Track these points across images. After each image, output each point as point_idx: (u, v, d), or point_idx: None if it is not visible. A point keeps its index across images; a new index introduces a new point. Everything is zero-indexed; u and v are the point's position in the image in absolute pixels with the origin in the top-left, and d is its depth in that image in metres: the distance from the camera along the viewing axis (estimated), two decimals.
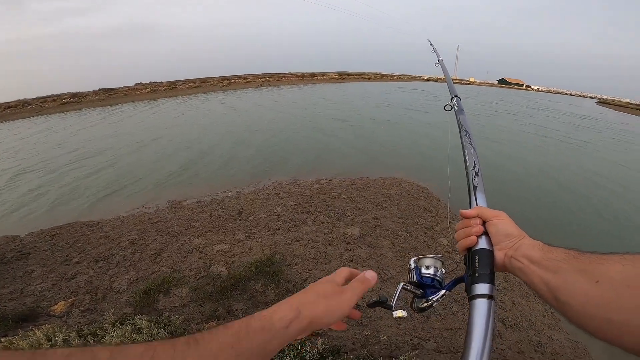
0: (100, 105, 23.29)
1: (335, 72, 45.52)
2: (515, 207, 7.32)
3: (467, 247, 0.69)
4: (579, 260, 0.52)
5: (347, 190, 7.11)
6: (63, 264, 4.66)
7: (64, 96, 25.10)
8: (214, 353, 0.41)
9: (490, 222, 0.68)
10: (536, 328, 3.77)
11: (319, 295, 0.57)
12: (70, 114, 20.40)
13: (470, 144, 1.01)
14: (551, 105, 34.86)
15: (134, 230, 5.57)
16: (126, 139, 12.78)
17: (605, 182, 9.75)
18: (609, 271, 0.46)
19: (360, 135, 13.19)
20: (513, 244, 0.63)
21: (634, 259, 0.46)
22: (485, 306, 0.56)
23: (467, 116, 1.18)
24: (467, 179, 0.89)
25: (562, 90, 69.64)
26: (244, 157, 10.09)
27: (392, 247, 4.94)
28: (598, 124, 23.87)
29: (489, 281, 0.60)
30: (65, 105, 23.67)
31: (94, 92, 26.70)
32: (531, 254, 0.58)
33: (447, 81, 1.57)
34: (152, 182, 8.25)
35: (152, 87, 29.45)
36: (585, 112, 31.26)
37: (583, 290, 0.48)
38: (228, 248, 4.81)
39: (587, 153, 13.56)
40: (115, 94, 27.03)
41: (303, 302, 0.55)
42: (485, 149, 12.12)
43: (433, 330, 3.44)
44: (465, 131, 1.08)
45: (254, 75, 37.72)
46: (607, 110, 38.60)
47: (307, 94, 28.32)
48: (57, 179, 8.73)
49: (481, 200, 0.81)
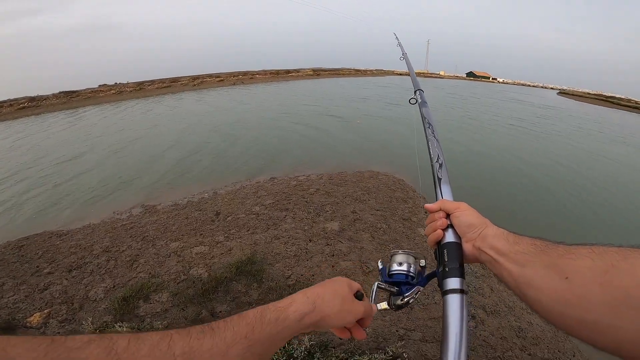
0: (61, 109, 22.01)
1: (310, 68, 45.36)
2: (486, 195, 7.67)
3: (436, 242, 0.69)
4: (546, 253, 0.50)
5: (325, 185, 7.17)
6: (34, 275, 4.43)
7: (22, 100, 23.49)
8: (228, 342, 0.43)
9: (452, 214, 0.68)
10: (515, 313, 3.88)
11: (336, 295, 0.58)
12: (29, 119, 19.16)
13: (433, 136, 1.02)
14: (516, 97, 36.46)
15: (107, 237, 5.36)
16: (93, 144, 12.18)
17: (569, 166, 10.43)
18: (578, 266, 0.45)
19: (336, 130, 13.28)
20: (477, 234, 0.62)
21: (602, 252, 0.44)
22: (457, 301, 0.56)
23: (430, 108, 1.19)
24: (432, 171, 0.89)
25: (525, 82, 72.88)
26: (220, 157, 9.91)
27: (372, 239, 5.04)
28: (561, 114, 25.21)
29: (459, 275, 0.60)
30: (24, 110, 22.18)
31: (54, 95, 25.13)
32: (497, 244, 0.58)
33: (410, 74, 1.59)
34: (123, 188, 7.93)
35: (118, 89, 28.14)
36: (549, 103, 32.90)
37: (552, 286, 0.47)
38: (207, 250, 4.74)
39: (554, 141, 14.36)
40: (77, 96, 25.60)
41: (319, 296, 0.56)
42: (457, 139, 12.57)
43: (417, 320, 3.52)
44: (429, 123, 1.08)
45: (227, 74, 36.86)
46: (568, 100, 40.87)
47: (281, 90, 28.09)
48: (22, 189, 8.21)
49: (446, 191, 0.81)
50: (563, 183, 8.93)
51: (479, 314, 3.74)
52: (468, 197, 0.74)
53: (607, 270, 0.42)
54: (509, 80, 74.12)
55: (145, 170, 9.03)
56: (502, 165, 10.11)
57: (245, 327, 0.46)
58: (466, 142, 12.47)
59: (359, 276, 4.16)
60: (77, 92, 26.26)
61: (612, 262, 0.42)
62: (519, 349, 3.36)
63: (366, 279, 4.13)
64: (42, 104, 23.38)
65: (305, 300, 0.55)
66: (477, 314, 3.73)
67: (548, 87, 67.64)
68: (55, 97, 24.89)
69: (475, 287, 4.19)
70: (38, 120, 18.74)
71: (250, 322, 0.47)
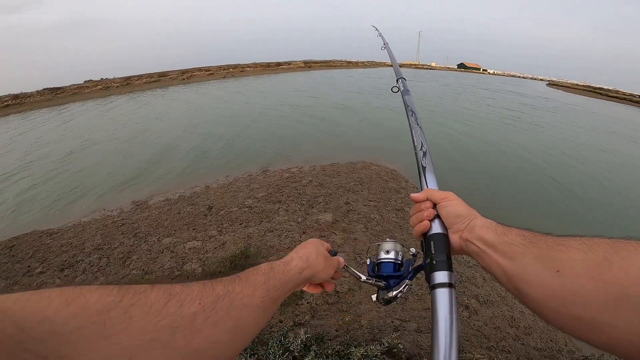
0: (46, 106, 21.48)
1: (301, 60, 44.92)
2: (478, 183, 7.75)
3: (422, 233, 0.66)
4: (535, 244, 0.49)
5: (317, 177, 7.15)
6: (26, 275, 4.37)
7: (5, 98, 22.86)
8: (253, 285, 0.51)
9: (439, 204, 0.66)
10: (508, 303, 3.92)
11: (319, 254, 0.69)
12: (12, 117, 18.67)
13: (417, 123, 0.99)
14: (507, 88, 36.70)
15: (98, 234, 5.28)
16: (79, 139, 11.93)
17: (559, 155, 10.58)
18: (569, 259, 0.44)
19: (328, 122, 13.22)
20: (465, 225, 0.61)
21: (594, 244, 0.43)
22: (446, 295, 0.54)
23: (412, 96, 1.18)
24: (417, 160, 0.86)
25: (515, 73, 73.28)
26: (211, 151, 9.80)
27: (366, 230, 5.07)
28: (551, 104, 25.44)
29: (446, 268, 0.58)
30: (7, 108, 21.60)
31: (38, 92, 24.48)
32: (485, 236, 0.56)
33: (392, 63, 1.58)
34: (113, 184, 7.81)
35: (104, 84, 27.52)
36: (539, 94, 33.13)
37: (543, 280, 0.45)
38: (200, 245, 4.71)
39: (543, 131, 14.54)
40: (62, 92, 24.98)
41: (309, 255, 0.67)
42: (448, 130, 12.65)
43: (412, 311, 3.55)
44: (412, 111, 1.06)
45: (217, 67, 36.27)
46: (557, 91, 41.22)
47: (273, 84, 27.79)
48: (8, 187, 8.03)
49: (431, 180, 0.78)
50: (563, 172, 9.09)
51: (472, 304, 3.77)
52: (466, 186, 0.73)
53: (600, 263, 0.40)
54: (499, 72, 74.47)
55: (136, 166, 8.89)
56: (498, 155, 10.23)
57: (262, 276, 0.54)
58: (459, 132, 12.56)
59: (353, 267, 4.15)
60: (62, 89, 25.62)
61: (605, 254, 0.41)
62: (512, 338, 3.41)
63: (361, 269, 4.11)
64: (26, 102, 22.78)
65: (300, 258, 0.65)
66: (471, 304, 3.76)
67: (537, 78, 68.11)
68: (39, 94, 24.25)
69: (467, 276, 4.23)
70: (23, 118, 18.24)
71: (265, 272, 0.55)
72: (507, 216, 6.25)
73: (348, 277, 3.98)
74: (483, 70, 75.13)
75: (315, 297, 3.64)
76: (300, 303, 3.57)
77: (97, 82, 28.36)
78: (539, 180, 8.35)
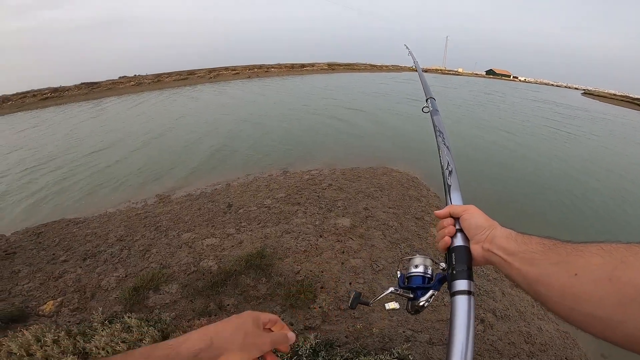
0: (83, 100, 22.61)
1: (325, 62, 45.09)
2: (510, 195, 7.46)
3: (445, 248, 0.70)
4: (555, 251, 0.51)
5: (337, 180, 7.09)
6: (50, 263, 4.55)
7: (45, 91, 24.28)
8: None
9: (461, 217, 0.70)
10: (526, 319, 3.80)
11: (238, 329, 0.57)
12: (51, 109, 19.77)
13: (444, 143, 1.03)
14: (542, 96, 35.21)
15: (122, 226, 5.45)
16: (116, 136, 12.46)
17: (598, 170, 10.01)
18: (587, 263, 0.45)
19: (351, 126, 13.13)
20: (486, 236, 0.63)
21: (612, 249, 0.44)
22: (465, 302, 0.57)
23: (441, 116, 1.21)
24: (443, 178, 0.91)
25: (548, 81, 70.30)
26: (233, 149, 9.95)
27: (384, 237, 4.95)
28: (589, 115, 24.10)
29: (466, 277, 0.61)
30: (47, 100, 22.91)
31: (75, 86, 25.88)
32: (506, 245, 0.58)
33: (422, 83, 1.59)
34: (140, 176, 8.08)
35: (137, 80, 28.71)
36: (574, 104, 31.52)
37: (561, 282, 0.47)
38: (218, 242, 4.75)
39: (582, 142, 13.80)
40: (98, 87, 26.27)
41: (218, 333, 0.55)
42: (484, 141, 12.26)
43: (425, 322, 3.46)
44: (440, 131, 1.10)
45: (243, 67, 37.07)
46: (593, 101, 39.13)
47: (297, 84, 27.99)
48: (43, 176, 8.47)
49: (456, 198, 0.82)
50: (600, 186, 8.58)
51: (489, 318, 3.65)
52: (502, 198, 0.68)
53: (616, 266, 0.42)
54: (530, 79, 71.72)
55: (163, 161, 9.17)
56: (538, 167, 9.81)
57: None
58: (500, 144, 12.16)
59: (369, 274, 4.10)
60: (98, 84, 26.94)
61: (621, 258, 0.42)
62: (526, 354, 3.28)
63: (375, 277, 4.06)
64: (64, 95, 24.12)
65: (200, 337, 0.53)
66: (487, 318, 3.64)
67: (572, 87, 65.03)
68: (77, 88, 25.62)
69: (486, 290, 4.09)
70: (61, 110, 19.27)
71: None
72: (544, 229, 5.95)
73: (363, 283, 3.92)
74: (513, 78, 72.60)
75: (327, 301, 3.60)
76: (312, 307, 3.53)
77: (130, 78, 29.64)
78: (581, 196, 7.90)
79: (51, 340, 2.34)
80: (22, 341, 2.34)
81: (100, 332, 2.46)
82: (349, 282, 3.95)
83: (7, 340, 2.36)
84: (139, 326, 2.63)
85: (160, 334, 2.60)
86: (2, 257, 4.75)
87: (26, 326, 2.86)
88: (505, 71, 76.23)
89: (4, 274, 4.30)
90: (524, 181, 8.61)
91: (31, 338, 2.37)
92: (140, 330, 2.58)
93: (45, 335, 2.40)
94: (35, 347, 2.27)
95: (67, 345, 2.31)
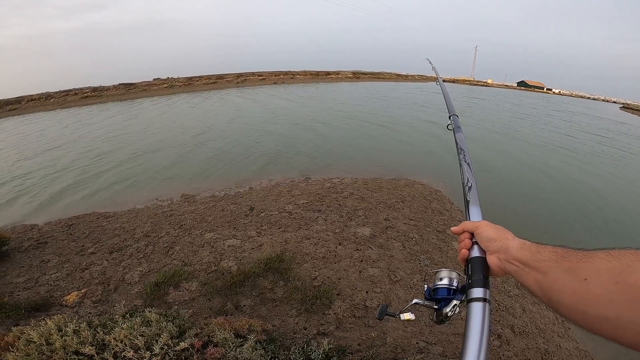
0: (120, 99, 23.86)
1: (350, 70, 45.28)
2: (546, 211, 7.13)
3: (464, 260, 0.76)
4: (566, 259, 0.54)
5: (359, 190, 7.06)
6: (78, 254, 4.78)
7: (86, 90, 25.84)
8: None
9: (474, 233, 0.75)
10: (545, 336, 3.69)
11: None
12: (95, 107, 20.95)
13: (464, 160, 1.08)
14: (579, 110, 33.54)
15: (148, 222, 5.67)
16: (144, 135, 13.05)
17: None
18: (596, 268, 0.48)
19: (373, 137, 13.06)
20: (498, 247, 0.67)
21: (619, 254, 0.47)
22: (480, 308, 0.61)
23: (463, 133, 1.25)
24: (463, 194, 0.96)
25: (584, 94, 67.04)
26: (258, 153, 10.15)
27: (403, 249, 4.87)
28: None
29: (482, 285, 0.65)
30: (87, 98, 24.35)
31: (114, 86, 27.41)
32: (520, 255, 0.62)
33: (445, 99, 1.63)
34: (168, 175, 8.40)
35: (170, 83, 29.99)
36: (619, 119, 29.54)
37: (572, 288, 0.50)
38: (239, 243, 4.84)
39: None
40: (134, 88, 27.67)
41: None
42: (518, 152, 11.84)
43: (440, 334, 3.40)
44: (461, 149, 1.15)
45: (269, 73, 37.90)
46: (633, 116, 36.77)
47: (322, 92, 28.23)
48: (79, 171, 8.99)
49: (474, 213, 0.87)
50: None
51: (506, 334, 3.53)
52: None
53: (623, 270, 0.44)
54: (565, 92, 68.66)
55: (187, 162, 9.49)
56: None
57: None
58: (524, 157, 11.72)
59: (386, 284, 4.04)
60: (134, 85, 28.39)
61: (628, 262, 0.45)
62: None
63: (392, 288, 4.00)
64: (103, 94, 25.55)
65: None
66: (504, 334, 3.52)
67: (610, 100, 61.66)
68: (115, 88, 27.11)
69: (506, 306, 3.97)
70: (103, 109, 20.36)
71: None
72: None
73: (379, 292, 3.86)
74: (547, 90, 69.83)
75: (343, 308, 3.59)
76: (327, 312, 3.52)
77: (164, 80, 31.02)
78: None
79: (72, 330, 2.40)
80: (44, 330, 2.40)
81: (120, 324, 2.54)
82: (365, 290, 3.92)
83: (29, 329, 2.43)
84: (158, 321, 2.70)
85: (178, 329, 2.66)
86: (34, 246, 5.01)
87: (49, 315, 3.00)
88: (539, 83, 73.44)
89: (33, 263, 4.54)
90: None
91: (53, 327, 2.43)
92: (159, 325, 2.65)
93: (67, 325, 2.46)
94: (55, 337, 2.32)
95: (87, 336, 2.36)
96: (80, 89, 25.95)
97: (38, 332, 2.38)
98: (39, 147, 11.58)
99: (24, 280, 4.15)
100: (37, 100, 23.07)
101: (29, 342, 2.31)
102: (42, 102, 23.04)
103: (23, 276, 4.23)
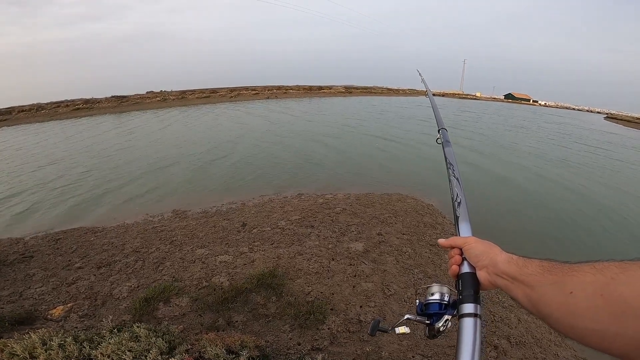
0: (112, 112, 23.72)
1: (342, 85, 46.06)
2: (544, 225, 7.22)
3: (454, 275, 0.76)
4: (552, 272, 0.55)
5: (351, 205, 7.09)
6: (65, 269, 4.67)
7: (77, 102, 25.65)
8: None
9: (463, 248, 0.76)
10: (542, 345, 3.70)
11: None
12: (85, 119, 20.78)
13: (453, 175, 1.06)
14: (561, 120, 34.45)
15: (138, 238, 5.58)
16: (133, 150, 12.97)
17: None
18: (581, 282, 0.49)
19: (365, 153, 13.20)
20: (487, 262, 0.68)
21: (604, 267, 0.48)
22: (471, 324, 0.62)
23: (452, 147, 1.23)
24: (453, 209, 0.95)
25: (569, 105, 69.05)
26: (249, 170, 10.16)
27: (396, 263, 4.88)
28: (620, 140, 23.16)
29: (473, 301, 0.66)
30: (78, 110, 24.17)
31: (106, 98, 27.27)
32: (507, 269, 0.63)
33: (434, 113, 1.61)
34: (158, 191, 8.32)
35: (163, 96, 30.01)
36: (603, 129, 30.40)
37: (559, 301, 0.51)
38: (231, 259, 4.79)
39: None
40: (127, 101, 27.58)
41: None
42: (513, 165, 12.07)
43: (436, 347, 3.39)
44: (450, 163, 1.12)
45: (262, 87, 38.27)
46: (617, 125, 37.78)
47: (315, 107, 28.54)
48: (67, 187, 8.84)
49: (464, 228, 0.87)
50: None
51: (502, 345, 3.53)
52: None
53: (607, 282, 0.45)
54: (551, 103, 70.65)
55: (181, 177, 9.44)
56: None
57: None
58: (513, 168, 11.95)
59: (380, 298, 4.03)
60: (127, 97, 28.30)
61: (612, 275, 0.46)
62: None
63: (386, 302, 3.99)
64: (95, 107, 25.38)
65: None
66: (501, 345, 3.52)
67: (594, 110, 63.48)
68: (107, 100, 26.96)
69: (501, 317, 3.98)
70: (92, 121, 20.19)
71: None
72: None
73: (373, 307, 3.84)
74: (533, 102, 71.73)
75: (337, 323, 3.56)
76: (321, 328, 3.48)
77: (157, 93, 30.98)
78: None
79: (57, 345, 2.32)
80: (28, 343, 2.32)
81: (108, 339, 2.46)
82: (359, 305, 3.89)
83: (12, 341, 2.35)
84: (147, 336, 2.63)
85: (168, 345, 2.60)
86: (19, 260, 4.88)
87: (33, 329, 2.90)
88: (525, 95, 75.44)
89: (18, 277, 4.43)
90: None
91: (37, 341, 2.35)
92: (149, 341, 2.58)
93: (51, 339, 2.38)
94: (40, 350, 2.25)
95: (73, 350, 2.29)
96: (72, 101, 25.73)
97: (22, 345, 2.30)
98: (26, 160, 11.42)
99: (8, 293, 4.03)
100: (27, 112, 22.81)
101: (12, 355, 2.23)
102: (33, 113, 22.79)
103: (7, 289, 4.11)
